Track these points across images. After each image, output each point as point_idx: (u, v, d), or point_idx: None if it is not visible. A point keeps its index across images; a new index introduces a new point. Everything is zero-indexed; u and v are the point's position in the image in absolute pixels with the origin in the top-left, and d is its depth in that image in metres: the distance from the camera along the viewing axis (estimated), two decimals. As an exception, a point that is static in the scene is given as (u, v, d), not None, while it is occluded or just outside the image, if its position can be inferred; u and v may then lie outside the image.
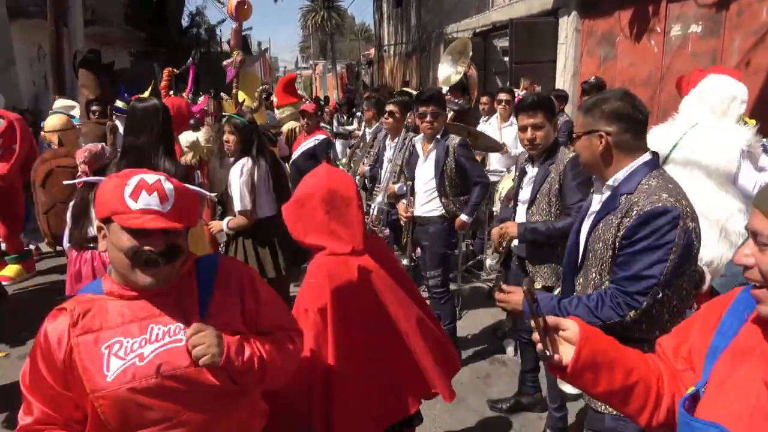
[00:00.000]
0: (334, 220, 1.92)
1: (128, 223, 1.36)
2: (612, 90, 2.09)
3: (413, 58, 17.81)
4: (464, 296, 4.93)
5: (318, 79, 35.76)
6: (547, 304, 1.94)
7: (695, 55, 5.70)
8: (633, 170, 1.88)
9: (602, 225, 1.91)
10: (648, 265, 1.75)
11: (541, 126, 2.78)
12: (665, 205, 1.75)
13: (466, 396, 3.56)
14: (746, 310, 1.18)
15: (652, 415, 1.28)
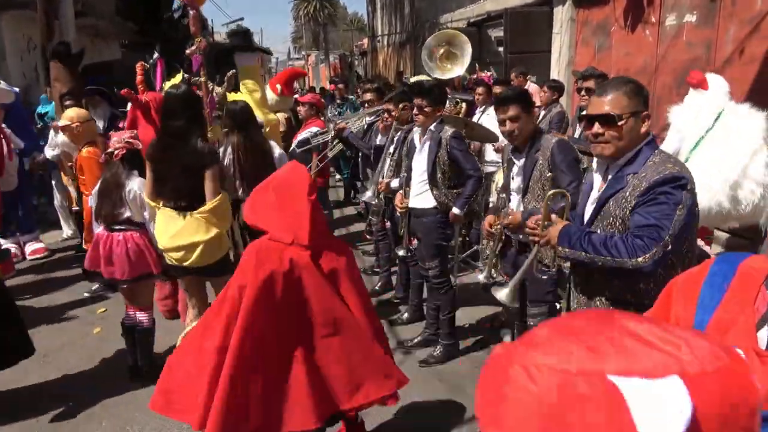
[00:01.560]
0: (281, 209, 1.98)
1: None
2: (622, 76, 2.23)
3: (407, 48, 17.74)
4: (461, 287, 4.94)
5: (311, 69, 35.58)
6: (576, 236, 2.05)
7: (690, 45, 5.70)
8: (639, 149, 2.02)
9: (612, 202, 2.03)
10: (660, 216, 1.89)
11: (517, 118, 2.86)
12: (673, 172, 1.90)
13: (465, 385, 3.59)
14: (724, 281, 1.22)
15: None
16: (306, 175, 2.02)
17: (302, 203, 1.96)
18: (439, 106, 3.65)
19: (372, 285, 5.23)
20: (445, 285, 3.84)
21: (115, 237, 3.52)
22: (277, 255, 1.94)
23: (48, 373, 3.85)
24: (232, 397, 1.84)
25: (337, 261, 2.04)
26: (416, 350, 4.03)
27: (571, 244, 2.06)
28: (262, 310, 1.90)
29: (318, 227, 2.02)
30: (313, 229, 1.98)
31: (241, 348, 1.86)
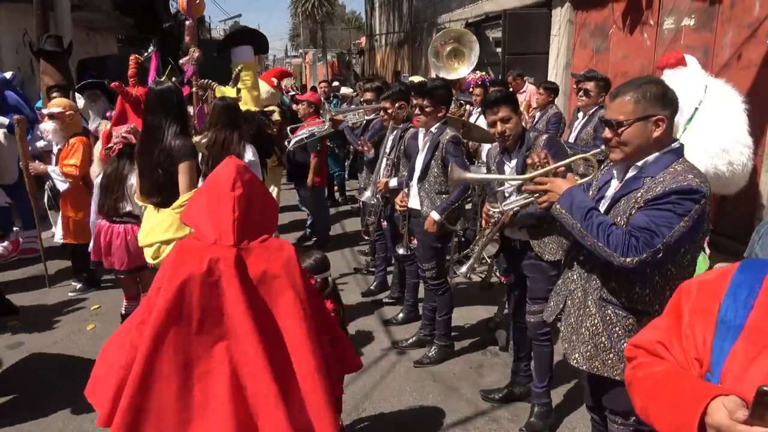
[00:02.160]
0: (208, 206, 1.86)
1: None
2: (644, 76, 2.12)
3: (405, 48, 17.73)
4: (456, 288, 4.94)
5: (308, 68, 35.50)
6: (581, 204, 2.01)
7: (688, 49, 5.70)
8: (662, 155, 1.96)
9: (623, 201, 2.00)
10: (661, 223, 1.85)
11: (508, 119, 2.87)
12: (690, 185, 1.85)
13: (459, 386, 3.59)
14: (750, 295, 1.11)
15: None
16: (232, 168, 1.84)
17: (225, 197, 1.80)
18: (441, 106, 3.59)
19: (367, 285, 5.23)
20: (442, 286, 3.83)
21: (115, 228, 3.66)
22: (197, 255, 1.78)
23: (41, 370, 3.82)
24: (139, 401, 1.73)
25: (271, 264, 1.80)
26: (411, 350, 4.02)
27: (571, 209, 2.01)
28: (175, 315, 1.75)
29: (250, 225, 1.82)
30: (241, 226, 1.80)
31: (151, 352, 1.73)
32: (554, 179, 2.15)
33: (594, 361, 2.13)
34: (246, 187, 1.82)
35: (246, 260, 1.78)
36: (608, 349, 2.09)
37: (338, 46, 36.28)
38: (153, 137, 3.36)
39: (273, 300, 1.79)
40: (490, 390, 3.50)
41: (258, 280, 1.78)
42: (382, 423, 3.24)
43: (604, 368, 2.10)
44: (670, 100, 1.95)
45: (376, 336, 4.28)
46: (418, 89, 3.66)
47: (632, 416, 2.13)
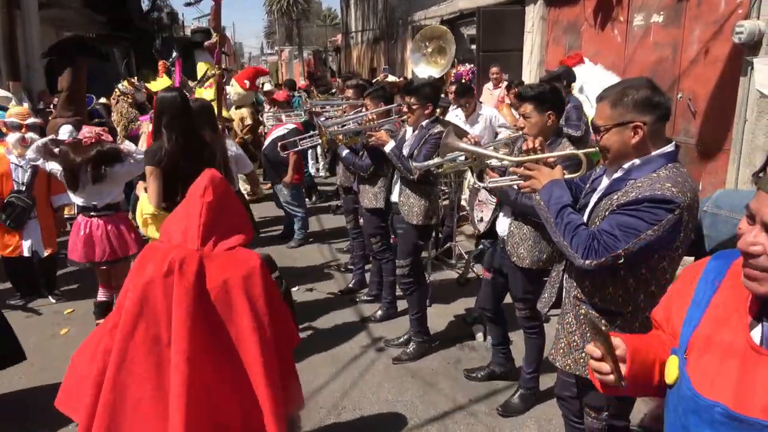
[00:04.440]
0: (182, 211, 1.92)
1: None
2: (633, 78, 2.03)
3: (381, 45, 17.72)
4: (434, 284, 4.98)
5: (284, 65, 35.26)
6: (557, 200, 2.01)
7: (657, 45, 5.83)
8: (650, 159, 1.90)
9: (604, 202, 1.98)
10: (626, 229, 1.83)
11: (528, 116, 2.82)
12: (664, 194, 1.80)
13: (437, 381, 3.62)
14: (716, 278, 1.23)
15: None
16: (206, 177, 1.88)
17: (195, 203, 1.85)
18: (428, 103, 3.61)
19: (346, 282, 5.23)
20: (411, 287, 3.84)
21: (94, 222, 3.84)
22: (160, 256, 1.81)
23: (12, 377, 3.74)
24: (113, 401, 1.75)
25: (232, 273, 1.80)
26: (390, 348, 4.04)
27: (548, 202, 2.02)
28: (142, 315, 1.77)
29: (217, 231, 1.84)
30: (206, 231, 1.82)
31: (122, 353, 1.75)
32: (541, 168, 2.13)
33: (567, 358, 2.16)
34: (217, 196, 1.87)
35: (208, 266, 1.80)
36: (580, 348, 2.10)
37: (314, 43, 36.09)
38: (193, 138, 3.46)
39: (229, 309, 1.80)
40: (473, 369, 3.64)
41: (217, 288, 1.80)
42: (361, 420, 3.26)
43: (576, 366, 2.12)
44: (655, 104, 1.87)
45: (355, 333, 4.29)
46: (405, 88, 3.74)
47: (604, 411, 2.16)
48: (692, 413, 1.16)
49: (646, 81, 1.94)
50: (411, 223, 3.70)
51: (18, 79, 8.42)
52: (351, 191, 4.92)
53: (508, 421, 3.21)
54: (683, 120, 5.49)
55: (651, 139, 1.89)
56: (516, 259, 3.00)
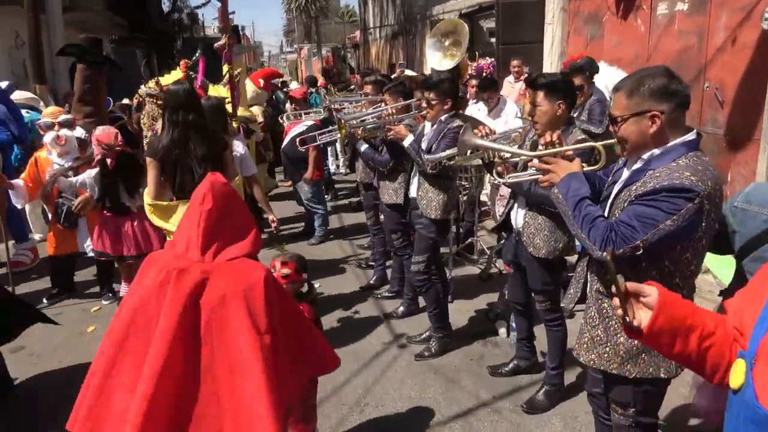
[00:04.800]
0: (186, 218, 1.85)
1: None
2: (650, 67, 1.98)
3: (399, 40, 17.66)
4: (456, 280, 4.94)
5: (303, 63, 35.38)
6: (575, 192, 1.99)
7: (682, 34, 5.68)
8: (669, 148, 1.87)
9: (623, 193, 1.96)
10: (643, 218, 1.81)
11: (539, 104, 2.81)
12: (683, 183, 1.77)
13: (460, 378, 3.59)
14: None
15: (723, 378, 1.32)
16: (206, 183, 1.82)
17: (194, 209, 1.78)
18: (447, 98, 3.60)
19: (367, 279, 5.23)
20: (425, 283, 3.81)
21: (120, 219, 4.07)
22: (161, 265, 1.77)
23: (40, 375, 3.82)
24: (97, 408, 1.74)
25: (233, 287, 1.72)
26: (412, 344, 4.02)
27: (566, 195, 2.01)
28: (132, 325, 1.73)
29: (217, 241, 1.78)
30: (206, 240, 1.76)
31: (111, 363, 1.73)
32: (559, 161, 2.11)
33: (590, 353, 2.12)
34: (217, 202, 1.79)
35: (209, 279, 1.72)
36: (604, 343, 2.07)
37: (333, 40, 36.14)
38: (198, 133, 3.50)
39: (227, 325, 1.71)
40: (497, 365, 3.62)
41: (213, 302, 1.71)
42: (384, 417, 3.25)
43: (600, 361, 2.09)
44: (672, 92, 1.83)
45: (377, 330, 4.28)
46: (424, 84, 3.71)
47: (630, 408, 2.13)
48: (752, 422, 1.12)
49: (663, 69, 1.90)
50: (429, 217, 3.68)
51: (44, 83, 8.58)
52: (371, 187, 4.91)
53: (533, 418, 3.17)
54: (710, 110, 5.35)
55: (670, 128, 1.86)
56: (532, 250, 3.00)
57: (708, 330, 1.32)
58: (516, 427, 3.11)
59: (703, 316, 1.34)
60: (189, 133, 3.46)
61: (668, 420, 3.09)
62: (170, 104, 3.51)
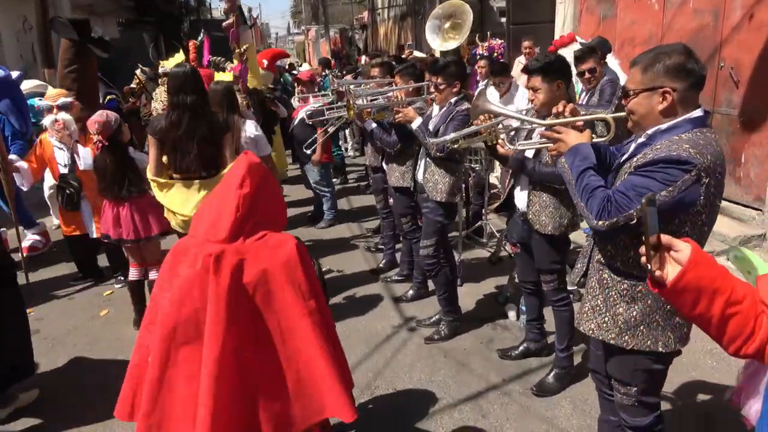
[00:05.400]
0: (217, 203, 1.85)
1: None
2: (669, 44, 1.99)
3: (408, 21, 17.46)
4: (465, 263, 4.94)
5: (311, 44, 35.10)
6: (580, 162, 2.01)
7: (697, 12, 5.56)
8: (675, 124, 1.89)
9: (626, 164, 1.98)
10: (639, 189, 1.82)
11: (538, 88, 2.83)
12: (680, 154, 1.79)
13: (470, 361, 3.60)
14: None
15: (740, 348, 1.32)
16: (243, 165, 1.81)
17: (232, 195, 1.78)
18: (455, 81, 3.57)
19: (376, 262, 5.23)
20: (434, 267, 3.80)
21: (121, 203, 3.99)
22: (193, 253, 1.77)
23: (56, 358, 3.88)
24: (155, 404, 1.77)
25: (270, 262, 1.77)
26: (422, 327, 4.03)
27: (572, 165, 2.05)
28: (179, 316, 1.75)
29: (251, 223, 1.79)
30: (240, 224, 1.77)
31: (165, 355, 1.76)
32: (569, 131, 2.13)
33: (590, 323, 2.16)
34: (254, 186, 1.80)
35: (245, 258, 1.76)
36: (603, 312, 2.11)
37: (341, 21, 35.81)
38: (196, 114, 3.60)
39: (273, 298, 1.76)
40: (507, 348, 3.64)
41: (255, 281, 1.75)
42: (394, 399, 3.27)
43: (599, 331, 2.13)
44: (688, 71, 1.84)
45: (387, 313, 4.30)
46: (431, 68, 3.67)
47: (632, 387, 2.15)
48: None
49: (682, 47, 1.90)
50: (435, 200, 3.66)
51: (53, 67, 8.57)
52: (380, 170, 4.89)
53: (542, 400, 3.18)
54: (725, 90, 5.26)
55: (681, 106, 1.87)
56: (539, 227, 3.01)
57: (736, 297, 1.30)
58: (526, 409, 3.12)
59: (733, 282, 1.32)
60: (187, 114, 3.58)
61: (680, 399, 3.09)
62: (171, 86, 3.66)
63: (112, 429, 3.10)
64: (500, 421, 3.04)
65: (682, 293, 1.30)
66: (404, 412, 3.16)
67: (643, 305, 2.01)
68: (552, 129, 2.19)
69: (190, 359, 1.74)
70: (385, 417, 3.13)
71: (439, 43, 6.50)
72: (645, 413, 2.16)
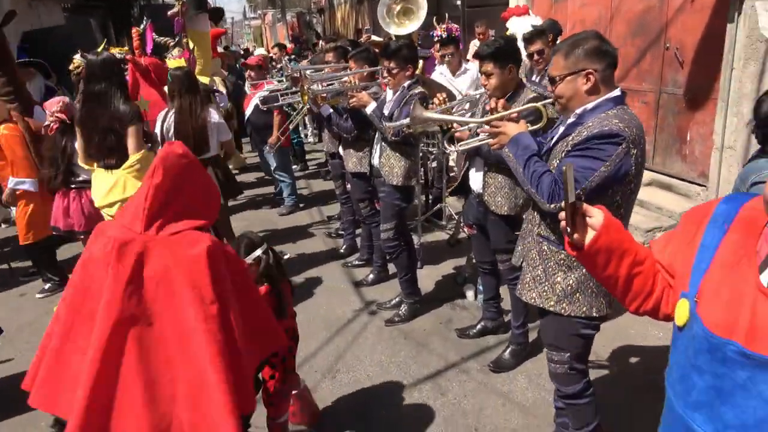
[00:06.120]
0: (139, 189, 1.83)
1: None
2: (582, 32, 2.15)
3: (365, 5, 17.32)
4: (425, 246, 5.00)
5: (268, 29, 34.45)
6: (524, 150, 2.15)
7: (643, -6, 5.71)
8: (599, 103, 2.05)
9: (560, 144, 2.13)
10: (578, 168, 1.96)
11: (490, 73, 2.85)
12: (611, 128, 1.96)
13: (430, 341, 3.67)
14: (725, 221, 1.27)
15: (640, 305, 1.47)
16: (159, 154, 1.78)
17: (145, 183, 1.76)
18: (408, 65, 3.57)
19: (337, 247, 5.25)
20: (395, 250, 3.85)
21: (71, 194, 4.00)
22: (107, 236, 1.75)
23: (9, 354, 3.77)
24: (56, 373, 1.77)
25: (175, 260, 1.72)
26: (382, 311, 4.08)
27: (516, 154, 2.17)
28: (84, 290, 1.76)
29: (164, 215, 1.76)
30: (150, 215, 1.74)
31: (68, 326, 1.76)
32: (507, 123, 2.26)
33: (532, 292, 2.31)
34: (167, 177, 1.75)
35: (151, 251, 1.72)
36: (543, 282, 2.26)
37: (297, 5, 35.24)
38: (101, 104, 3.60)
39: (173, 298, 1.71)
40: (465, 328, 3.73)
41: (157, 276, 1.71)
42: (356, 381, 3.31)
43: (540, 299, 2.27)
44: (604, 52, 2.02)
45: (348, 298, 4.33)
46: (383, 52, 3.64)
47: (566, 352, 2.29)
48: (705, 352, 1.20)
49: (594, 33, 2.10)
50: (392, 184, 3.69)
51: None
52: (337, 156, 4.88)
53: (499, 376, 3.27)
54: (671, 70, 5.43)
55: (603, 84, 2.05)
56: (495, 208, 3.07)
57: (639, 258, 1.43)
58: (483, 385, 3.21)
59: (637, 245, 1.46)
60: (93, 103, 3.62)
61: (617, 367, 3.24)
62: (84, 75, 3.77)
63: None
64: (458, 398, 3.12)
65: (596, 255, 1.40)
66: (366, 394, 3.21)
67: (578, 273, 2.17)
68: (490, 125, 2.30)
69: (86, 336, 1.71)
70: (347, 399, 3.17)
71: (394, 28, 6.45)
72: (577, 380, 2.33)
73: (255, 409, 1.97)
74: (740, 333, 1.14)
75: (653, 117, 5.60)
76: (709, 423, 1.19)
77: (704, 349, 1.20)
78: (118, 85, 3.68)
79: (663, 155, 5.60)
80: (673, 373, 1.32)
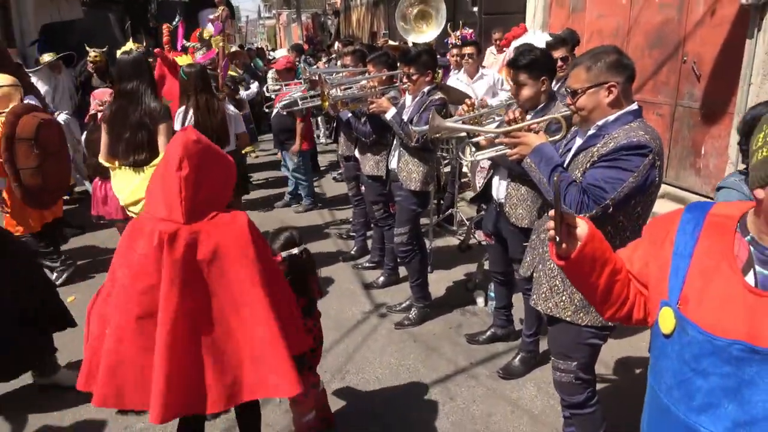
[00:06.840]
0: (161, 182, 1.87)
1: None
2: (602, 46, 2.20)
3: (381, 8, 17.37)
4: (435, 251, 5.02)
5: (282, 29, 34.60)
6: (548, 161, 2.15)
7: (662, 6, 5.70)
8: (619, 116, 2.08)
9: (582, 155, 2.14)
10: (610, 180, 2.00)
11: (523, 84, 2.79)
12: (639, 140, 1.98)
13: (439, 345, 3.69)
14: (696, 228, 1.30)
15: (615, 312, 1.51)
16: (179, 146, 1.83)
17: (172, 177, 1.81)
18: (427, 71, 3.59)
19: (348, 249, 5.27)
20: (409, 254, 3.87)
21: (108, 184, 4.08)
22: (149, 230, 1.81)
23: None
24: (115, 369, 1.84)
25: (222, 239, 1.84)
26: (392, 314, 4.10)
27: (539, 164, 2.18)
28: (136, 291, 1.81)
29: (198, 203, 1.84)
30: (189, 205, 1.82)
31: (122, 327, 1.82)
32: (527, 134, 2.27)
33: (548, 302, 2.30)
34: (193, 167, 1.81)
35: (198, 237, 1.82)
36: (561, 292, 2.26)
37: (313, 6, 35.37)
38: (132, 101, 3.71)
39: (226, 273, 1.83)
40: (475, 333, 3.73)
41: (210, 257, 1.82)
42: (365, 383, 3.33)
43: (557, 309, 2.27)
44: (624, 66, 2.06)
45: (358, 299, 4.35)
46: (403, 58, 3.66)
47: (573, 361, 2.29)
48: (709, 355, 1.21)
49: (613, 47, 2.14)
50: (409, 189, 3.71)
51: (14, 47, 8.30)
52: (352, 159, 4.91)
53: (508, 383, 3.28)
54: (687, 83, 5.43)
55: (623, 97, 2.09)
56: (515, 220, 3.05)
57: (618, 266, 1.48)
58: (492, 392, 3.22)
59: (615, 255, 1.50)
60: (125, 102, 3.74)
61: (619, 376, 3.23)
62: (115, 74, 3.89)
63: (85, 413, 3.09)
64: (467, 403, 3.13)
65: (581, 264, 1.44)
66: (374, 396, 3.23)
67: None
68: (510, 135, 2.30)
69: (145, 333, 1.80)
70: (356, 401, 3.19)
71: (413, 35, 6.46)
72: (582, 390, 2.33)
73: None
74: (741, 332, 1.16)
75: (668, 130, 5.59)
76: (717, 422, 1.20)
77: (708, 352, 1.21)
78: (149, 83, 3.80)
79: (677, 168, 5.59)
80: (667, 381, 1.32)
